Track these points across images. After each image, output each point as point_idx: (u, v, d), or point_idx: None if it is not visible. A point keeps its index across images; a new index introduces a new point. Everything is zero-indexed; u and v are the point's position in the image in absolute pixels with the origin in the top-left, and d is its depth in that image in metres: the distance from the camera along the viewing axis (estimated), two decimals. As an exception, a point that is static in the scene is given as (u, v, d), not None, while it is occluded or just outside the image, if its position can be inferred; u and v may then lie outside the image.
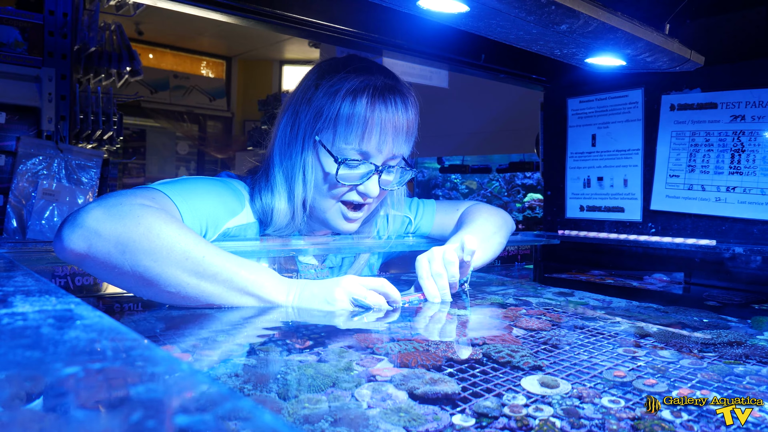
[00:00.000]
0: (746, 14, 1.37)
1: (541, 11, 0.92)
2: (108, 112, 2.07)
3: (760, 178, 1.31)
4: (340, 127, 1.02)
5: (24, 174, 1.63)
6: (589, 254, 1.62)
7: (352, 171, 1.04)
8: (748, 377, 0.62)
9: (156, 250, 0.78)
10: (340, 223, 1.10)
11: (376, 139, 1.02)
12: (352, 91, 1.02)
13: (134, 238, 0.77)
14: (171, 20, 4.19)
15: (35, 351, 0.35)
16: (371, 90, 1.02)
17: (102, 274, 0.81)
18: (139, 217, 0.79)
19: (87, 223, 0.77)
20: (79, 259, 0.79)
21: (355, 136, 1.01)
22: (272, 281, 0.86)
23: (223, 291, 0.82)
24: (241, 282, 0.83)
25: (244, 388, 0.55)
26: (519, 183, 4.18)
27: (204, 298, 0.82)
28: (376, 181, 1.05)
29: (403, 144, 1.07)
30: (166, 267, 0.78)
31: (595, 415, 0.50)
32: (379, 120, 1.02)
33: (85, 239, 0.77)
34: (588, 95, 1.65)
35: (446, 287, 0.98)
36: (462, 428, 0.47)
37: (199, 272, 0.80)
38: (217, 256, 0.82)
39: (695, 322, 0.90)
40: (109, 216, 0.78)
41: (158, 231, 0.79)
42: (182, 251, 0.79)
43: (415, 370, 0.61)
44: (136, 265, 0.77)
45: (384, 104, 1.02)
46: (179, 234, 0.80)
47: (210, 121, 5.22)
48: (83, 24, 1.94)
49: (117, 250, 0.77)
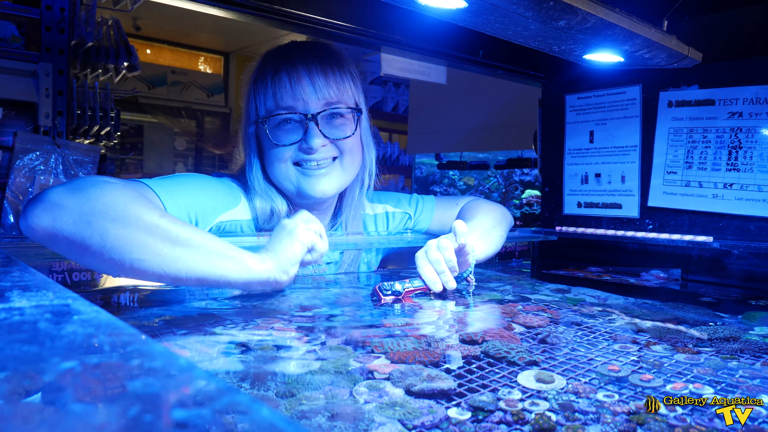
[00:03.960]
0: (744, 11, 1.37)
1: (540, 7, 0.92)
2: (105, 108, 2.07)
3: (757, 175, 1.32)
4: (259, 96, 1.08)
5: (21, 169, 1.62)
6: (587, 251, 1.62)
7: (285, 129, 1.06)
8: (740, 371, 0.63)
9: (125, 218, 0.74)
10: (306, 184, 1.07)
11: (290, 89, 1.05)
12: (259, 62, 1.11)
13: (100, 208, 0.74)
14: (169, 16, 4.17)
15: (33, 346, 0.35)
16: (276, 53, 1.10)
17: (70, 251, 0.76)
18: (104, 189, 0.76)
19: (50, 199, 0.75)
20: (45, 235, 0.75)
21: (271, 96, 1.06)
22: (242, 250, 0.83)
23: (198, 256, 0.77)
24: (215, 246, 0.79)
25: (242, 384, 0.55)
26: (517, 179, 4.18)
27: (178, 266, 0.76)
28: (317, 130, 1.05)
29: (331, 89, 1.06)
30: (137, 234, 0.74)
31: (590, 408, 0.51)
32: (286, 71, 1.05)
33: (49, 213, 0.73)
34: (586, 92, 1.65)
35: (446, 271, 0.98)
36: (458, 422, 0.48)
37: (171, 239, 0.75)
38: (185, 225, 0.79)
39: (691, 318, 0.91)
40: (72, 190, 0.76)
41: (125, 201, 0.76)
42: (151, 219, 0.76)
43: (413, 367, 0.61)
44: (104, 234, 0.73)
45: (287, 59, 1.07)
46: (146, 205, 0.78)
47: (208, 117, 5.20)
48: (80, 19, 1.93)
49: (83, 221, 0.73)
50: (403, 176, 5.01)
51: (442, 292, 0.99)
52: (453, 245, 0.99)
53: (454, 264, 0.99)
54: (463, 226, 1.00)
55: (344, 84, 1.09)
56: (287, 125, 1.06)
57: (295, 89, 1.04)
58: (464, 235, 1.00)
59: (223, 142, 5.23)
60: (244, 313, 0.86)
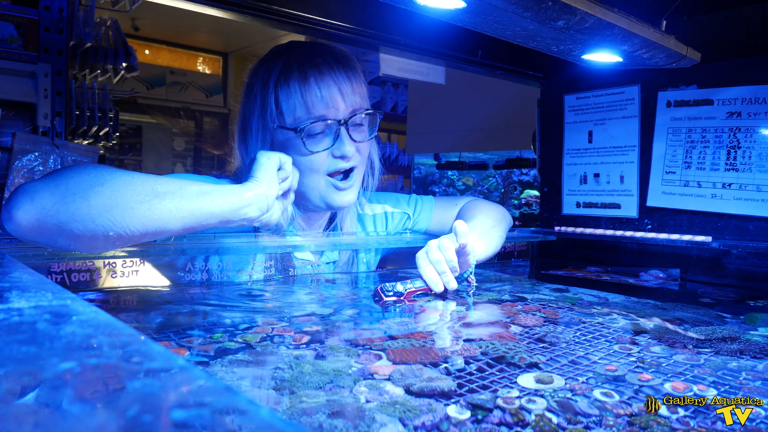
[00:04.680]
0: (743, 11, 1.37)
1: (538, 7, 0.92)
2: (104, 108, 2.07)
3: (756, 175, 1.32)
4: (284, 103, 1.05)
5: (20, 170, 1.62)
6: (586, 251, 1.62)
7: (317, 138, 1.05)
8: (744, 373, 0.63)
9: (102, 179, 0.76)
10: (335, 197, 1.08)
11: (320, 98, 1.03)
12: (279, 66, 1.06)
13: (74, 177, 0.75)
14: (167, 16, 4.17)
15: (31, 346, 0.35)
16: (294, 58, 1.06)
17: (59, 232, 0.74)
18: (84, 169, 0.78)
19: (26, 189, 0.74)
20: (30, 226, 0.73)
21: (301, 104, 1.03)
22: (222, 185, 0.86)
23: (184, 201, 0.79)
24: (196, 187, 0.81)
25: (241, 384, 0.55)
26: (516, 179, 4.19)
27: (168, 216, 0.78)
28: (347, 137, 1.05)
29: (356, 95, 1.07)
30: (121, 194, 0.75)
31: (591, 410, 0.51)
32: (314, 77, 1.03)
33: (26, 198, 0.73)
34: (585, 92, 1.65)
35: (447, 272, 0.98)
36: (458, 421, 0.48)
37: (155, 192, 0.78)
38: (162, 177, 0.81)
39: (690, 318, 0.91)
40: (47, 177, 0.77)
41: (101, 170, 0.78)
42: (131, 179, 0.77)
43: (413, 367, 0.61)
44: (87, 197, 0.74)
45: (312, 64, 1.04)
46: (121, 170, 0.80)
47: (206, 117, 5.20)
48: (79, 20, 1.93)
49: (67, 195, 0.73)
50: (401, 176, 5.01)
51: (443, 292, 0.99)
52: (454, 245, 0.99)
53: (455, 264, 0.99)
54: (464, 226, 1.00)
55: (362, 88, 1.10)
56: (319, 133, 1.05)
57: (326, 97, 1.03)
58: (465, 235, 1.00)
59: (222, 142, 5.23)
60: (244, 312, 0.86)
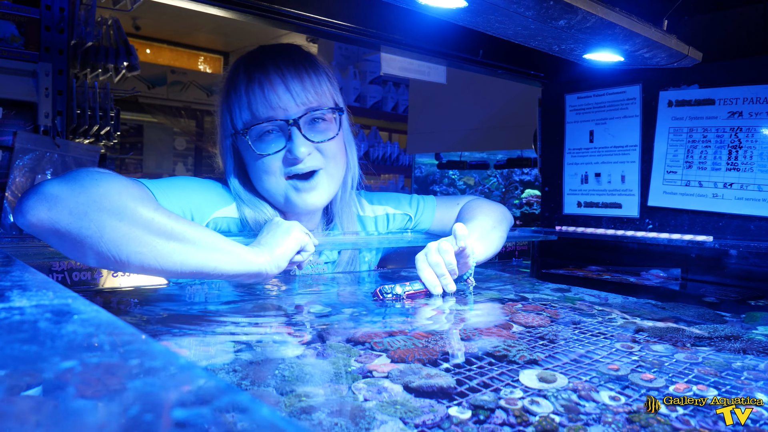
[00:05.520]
0: (744, 11, 1.37)
1: (540, 6, 0.92)
2: (105, 108, 2.07)
3: (757, 175, 1.32)
4: (234, 109, 1.04)
5: (21, 169, 1.62)
6: (587, 250, 1.62)
7: (266, 139, 1.02)
8: (746, 372, 0.63)
9: (120, 211, 0.74)
10: (297, 199, 1.04)
11: (264, 98, 1.00)
12: (230, 72, 1.06)
13: (95, 199, 0.74)
14: (168, 15, 4.17)
15: (32, 345, 0.35)
16: (245, 61, 1.05)
17: (65, 244, 0.75)
18: (99, 180, 0.76)
19: (45, 191, 0.74)
20: (41, 228, 0.74)
21: (246, 106, 1.02)
22: (236, 243, 0.86)
23: (193, 249, 0.78)
24: (209, 239, 0.81)
25: (242, 383, 0.55)
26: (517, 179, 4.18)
27: (174, 260, 0.77)
28: (300, 137, 1.00)
29: (309, 93, 1.02)
30: (133, 227, 0.75)
31: (593, 410, 0.51)
32: (258, 78, 1.01)
33: (44, 205, 0.73)
34: (586, 91, 1.65)
35: (446, 275, 0.98)
36: (459, 421, 0.47)
37: (167, 232, 0.77)
38: (180, 219, 0.80)
39: (691, 317, 0.91)
40: (67, 182, 0.76)
41: (120, 193, 0.76)
42: (147, 213, 0.76)
43: (412, 366, 0.61)
44: (101, 226, 0.73)
45: (259, 65, 1.03)
46: (141, 197, 0.78)
47: (207, 116, 5.20)
48: (80, 19, 1.93)
49: (79, 212, 0.73)
50: (402, 176, 5.01)
51: (441, 295, 0.99)
52: (453, 248, 0.99)
53: (454, 267, 0.99)
54: (463, 229, 1.00)
55: (321, 86, 1.05)
56: (269, 135, 1.02)
57: (271, 97, 1.00)
58: (464, 238, 1.00)
59: (223, 141, 5.21)
60: (244, 312, 0.86)
